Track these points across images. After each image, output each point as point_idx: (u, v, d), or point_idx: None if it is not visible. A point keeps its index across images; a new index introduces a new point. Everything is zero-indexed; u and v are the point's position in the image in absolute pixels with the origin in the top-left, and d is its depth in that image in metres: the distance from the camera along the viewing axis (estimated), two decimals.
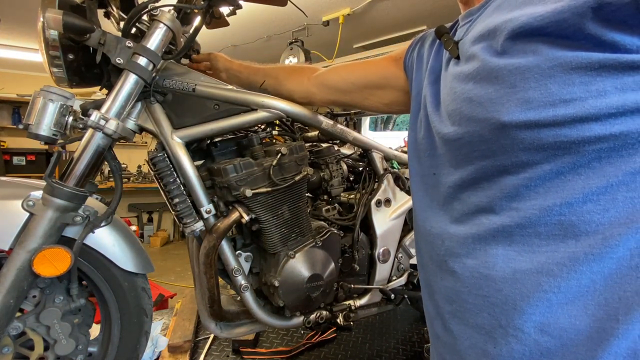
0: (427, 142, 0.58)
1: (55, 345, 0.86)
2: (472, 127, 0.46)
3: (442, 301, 0.53)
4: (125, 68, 0.81)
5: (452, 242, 0.51)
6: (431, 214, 0.56)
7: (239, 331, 1.07)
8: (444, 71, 0.58)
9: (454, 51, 0.55)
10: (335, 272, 1.08)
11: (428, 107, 0.59)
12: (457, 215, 0.51)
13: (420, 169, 0.61)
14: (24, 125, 0.77)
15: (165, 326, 1.58)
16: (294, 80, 0.98)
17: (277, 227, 0.98)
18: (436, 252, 0.54)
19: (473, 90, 0.46)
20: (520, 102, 0.41)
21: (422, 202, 0.60)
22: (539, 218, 0.42)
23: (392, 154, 1.26)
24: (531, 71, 0.40)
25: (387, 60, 0.81)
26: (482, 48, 0.47)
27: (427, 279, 0.58)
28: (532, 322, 0.41)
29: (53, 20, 0.74)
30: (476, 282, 0.47)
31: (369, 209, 1.18)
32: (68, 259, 0.78)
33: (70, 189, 0.78)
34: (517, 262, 0.43)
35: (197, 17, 0.91)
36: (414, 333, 1.57)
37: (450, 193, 0.52)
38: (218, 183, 0.93)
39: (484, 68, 0.45)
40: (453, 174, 0.51)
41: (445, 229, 0.52)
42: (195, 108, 0.93)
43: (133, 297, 0.96)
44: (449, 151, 0.52)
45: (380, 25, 3.01)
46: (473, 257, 0.47)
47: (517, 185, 0.43)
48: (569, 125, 0.38)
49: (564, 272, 0.40)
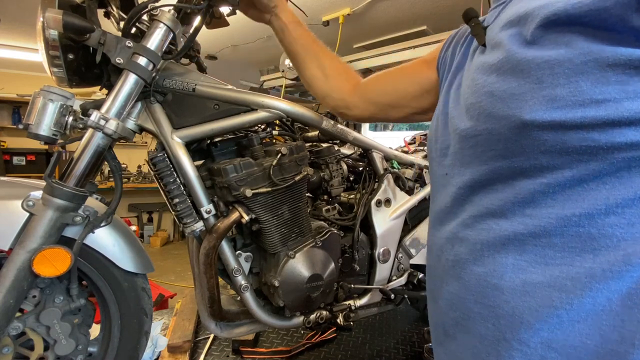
0: (443, 140, 0.55)
1: (55, 345, 0.86)
2: (491, 124, 0.43)
3: (446, 307, 0.51)
4: (125, 68, 0.81)
5: (462, 247, 0.48)
6: (443, 217, 0.53)
7: (239, 331, 1.07)
8: (468, 61, 0.54)
9: (480, 38, 0.50)
10: (335, 272, 1.08)
11: (450, 103, 0.55)
12: (466, 218, 0.48)
13: (436, 169, 0.58)
14: (24, 125, 0.77)
15: (165, 326, 1.58)
16: (337, 82, 0.88)
17: (277, 227, 0.98)
18: (445, 257, 0.51)
19: (495, 84, 0.42)
20: (546, 99, 0.37)
21: (436, 204, 0.57)
22: (555, 228, 0.39)
23: (392, 154, 1.26)
24: (562, 66, 0.36)
25: (420, 64, 0.75)
26: (510, 36, 0.43)
27: (433, 283, 0.56)
28: (539, 337, 0.39)
29: (53, 20, 0.74)
30: (483, 291, 0.44)
31: (369, 209, 1.18)
32: (68, 259, 0.78)
33: (70, 189, 0.78)
34: (527, 274, 0.40)
35: (197, 17, 0.91)
36: (414, 333, 1.57)
37: (460, 194, 0.49)
38: (218, 183, 0.93)
39: (510, 59, 0.41)
40: (464, 174, 0.48)
41: (455, 232, 0.49)
42: (195, 108, 0.93)
43: (133, 297, 0.96)
44: (462, 149, 0.49)
45: (380, 25, 3.01)
46: (481, 264, 0.45)
47: (533, 191, 0.40)
48: (598, 129, 0.35)
49: (578, 289, 0.37)
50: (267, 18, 0.88)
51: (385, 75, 0.82)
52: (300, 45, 0.88)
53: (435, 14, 2.73)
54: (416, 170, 1.28)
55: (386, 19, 2.89)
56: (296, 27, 0.88)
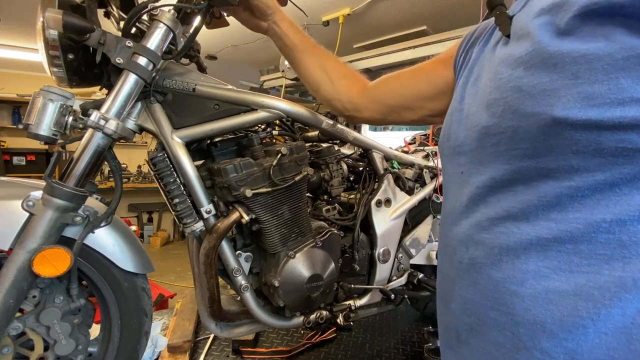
0: (457, 137, 0.52)
1: (55, 345, 0.86)
2: (517, 122, 0.40)
3: (460, 311, 0.48)
4: (125, 68, 0.81)
5: (477, 250, 0.45)
6: (456, 218, 0.51)
7: (239, 331, 1.07)
8: (489, 55, 0.51)
9: (505, 27, 0.47)
10: (336, 272, 1.08)
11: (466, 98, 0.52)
12: (483, 220, 0.45)
13: (448, 166, 0.55)
14: (24, 125, 0.77)
15: (165, 326, 1.58)
16: (343, 84, 0.85)
17: (277, 227, 0.97)
18: (458, 260, 0.49)
19: (523, 78, 0.39)
20: (581, 96, 0.34)
21: (448, 203, 0.54)
22: (582, 234, 0.36)
23: (392, 154, 1.26)
24: (600, 60, 0.34)
25: (435, 63, 0.71)
26: (541, 25, 0.40)
27: (444, 286, 0.54)
28: (562, 347, 0.37)
29: (53, 20, 0.74)
30: (500, 297, 0.42)
31: (369, 209, 1.18)
32: (68, 259, 0.78)
33: (70, 189, 0.78)
34: (550, 281, 0.38)
35: (197, 17, 0.91)
36: (414, 333, 1.57)
37: (477, 194, 0.46)
38: (218, 183, 0.93)
39: (540, 51, 0.38)
40: (482, 173, 0.46)
41: (470, 235, 0.47)
42: (195, 108, 0.93)
43: (133, 297, 0.96)
44: (482, 147, 0.46)
45: (380, 25, 3.01)
46: (499, 269, 0.42)
47: (560, 194, 0.38)
48: (638, 130, 0.33)
49: (607, 298, 0.35)
50: (265, 26, 0.87)
51: (398, 75, 0.78)
52: (301, 51, 0.86)
53: (435, 14, 2.73)
54: (416, 170, 1.28)
55: (386, 19, 2.89)
56: (296, 33, 0.87)
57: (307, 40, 0.87)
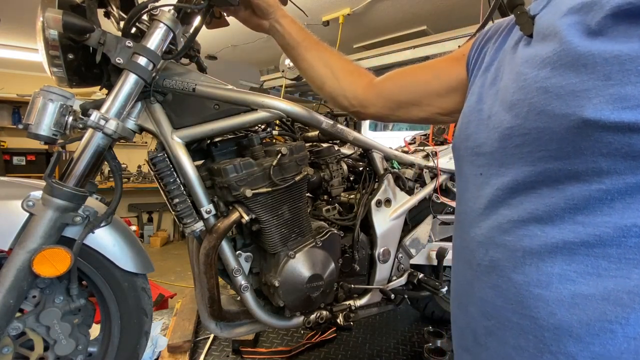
0: (476, 138, 0.50)
1: (55, 345, 0.86)
2: (543, 123, 0.39)
3: (478, 314, 0.48)
4: (125, 68, 0.81)
5: (498, 253, 0.45)
6: (474, 220, 0.49)
7: (239, 331, 1.07)
8: (509, 55, 0.50)
9: (527, 27, 0.46)
10: (336, 272, 1.08)
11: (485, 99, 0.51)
12: (504, 223, 0.44)
13: (465, 167, 0.54)
14: (24, 125, 0.77)
15: (165, 326, 1.58)
16: (348, 79, 0.82)
17: (277, 227, 0.98)
18: (477, 262, 0.48)
19: (550, 79, 0.39)
20: (613, 98, 0.34)
21: (465, 205, 0.53)
22: (611, 238, 0.36)
23: (392, 154, 1.26)
24: (634, 61, 0.33)
25: (447, 61, 0.69)
26: (570, 25, 0.38)
27: (461, 288, 0.53)
28: (589, 352, 0.37)
29: (53, 20, 0.74)
30: (523, 301, 0.41)
31: (369, 209, 1.18)
32: (68, 259, 0.78)
33: (70, 189, 0.78)
34: (577, 285, 0.38)
35: (197, 17, 0.91)
36: (414, 333, 1.57)
37: (498, 196, 0.45)
38: (218, 183, 0.93)
39: (568, 52, 0.37)
40: (504, 174, 0.45)
41: (490, 237, 0.46)
42: (195, 108, 0.93)
43: (133, 297, 0.96)
44: (503, 148, 0.45)
45: (380, 25, 3.01)
46: (521, 272, 0.42)
47: (589, 197, 0.37)
48: None
49: (636, 303, 0.35)
50: (266, 25, 0.85)
51: (406, 70, 0.76)
52: (304, 49, 0.84)
53: (435, 14, 2.73)
54: (416, 170, 1.28)
55: (386, 19, 2.89)
56: (298, 30, 0.85)
57: (310, 37, 0.86)
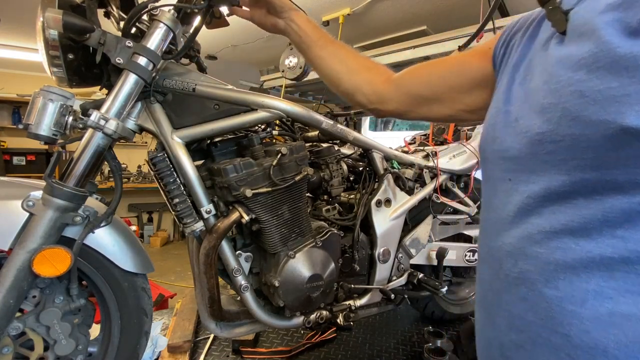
0: (503, 141, 0.47)
1: (55, 345, 0.86)
2: (578, 129, 0.36)
3: (506, 327, 0.45)
4: (125, 68, 0.81)
5: (528, 265, 0.42)
6: (502, 227, 0.47)
7: (239, 331, 1.07)
8: (540, 52, 0.46)
9: (560, 24, 0.42)
10: (335, 272, 1.08)
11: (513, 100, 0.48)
12: (535, 233, 0.42)
13: (492, 171, 0.51)
14: (24, 125, 0.77)
15: (165, 326, 1.58)
16: (365, 75, 0.78)
17: (277, 227, 0.98)
18: (505, 272, 0.45)
19: (587, 82, 0.36)
20: None
21: (492, 211, 0.50)
22: None
23: (392, 154, 1.26)
24: None
25: (472, 55, 0.65)
26: (608, 23, 0.36)
27: (487, 299, 0.50)
28: None
29: (53, 20, 0.74)
30: (556, 317, 0.39)
31: (369, 209, 1.18)
32: (68, 259, 0.78)
33: (70, 189, 0.78)
34: (615, 303, 0.35)
35: (197, 17, 0.91)
36: (414, 333, 1.57)
37: (528, 204, 0.43)
38: (218, 183, 0.93)
39: (608, 53, 0.35)
40: (535, 182, 0.42)
41: (520, 247, 0.43)
42: (195, 108, 0.93)
43: (133, 297, 0.96)
44: (534, 155, 0.42)
45: (380, 25, 3.01)
46: (554, 287, 0.39)
47: (630, 210, 0.34)
48: None
49: None
50: (282, 25, 0.82)
51: (428, 65, 0.72)
52: (320, 47, 0.81)
53: (435, 14, 2.73)
54: (416, 170, 1.28)
55: (386, 19, 2.89)
56: (313, 29, 0.82)
57: (325, 35, 0.83)
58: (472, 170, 1.43)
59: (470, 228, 1.52)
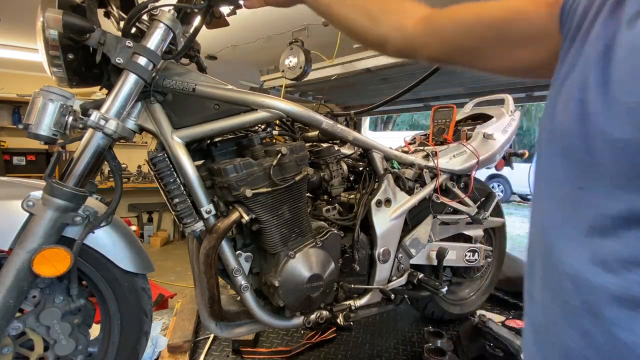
0: (576, 138, 0.38)
1: (55, 345, 0.86)
2: None
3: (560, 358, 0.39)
4: (125, 68, 0.81)
5: (593, 295, 0.35)
6: (564, 242, 0.39)
7: (239, 331, 1.07)
8: (625, 32, 0.36)
9: None
10: (336, 272, 1.08)
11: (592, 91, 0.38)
12: (610, 259, 0.34)
13: (555, 173, 0.42)
14: (24, 125, 0.77)
15: (165, 326, 1.58)
16: (392, 21, 0.66)
17: (277, 227, 0.98)
18: (563, 297, 0.38)
19: None
20: None
21: (550, 218, 0.42)
22: None
23: (392, 154, 1.26)
24: None
25: (535, 3, 0.51)
26: None
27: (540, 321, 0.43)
28: None
29: (53, 20, 0.74)
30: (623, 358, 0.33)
31: (369, 209, 1.18)
32: (68, 259, 0.78)
33: (70, 189, 0.78)
34: None
35: (197, 17, 0.91)
36: (414, 333, 1.57)
37: (604, 224, 0.35)
38: (218, 183, 0.93)
39: None
40: (618, 198, 0.34)
41: (584, 272, 0.36)
42: (195, 108, 0.93)
43: (133, 297, 0.96)
44: (617, 163, 0.34)
45: None
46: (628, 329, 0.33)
47: None
48: None
49: None
50: None
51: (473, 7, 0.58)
52: (338, 5, 0.71)
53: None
54: (416, 170, 1.28)
55: None
56: None
57: None
58: (472, 170, 1.43)
59: (470, 228, 1.52)
